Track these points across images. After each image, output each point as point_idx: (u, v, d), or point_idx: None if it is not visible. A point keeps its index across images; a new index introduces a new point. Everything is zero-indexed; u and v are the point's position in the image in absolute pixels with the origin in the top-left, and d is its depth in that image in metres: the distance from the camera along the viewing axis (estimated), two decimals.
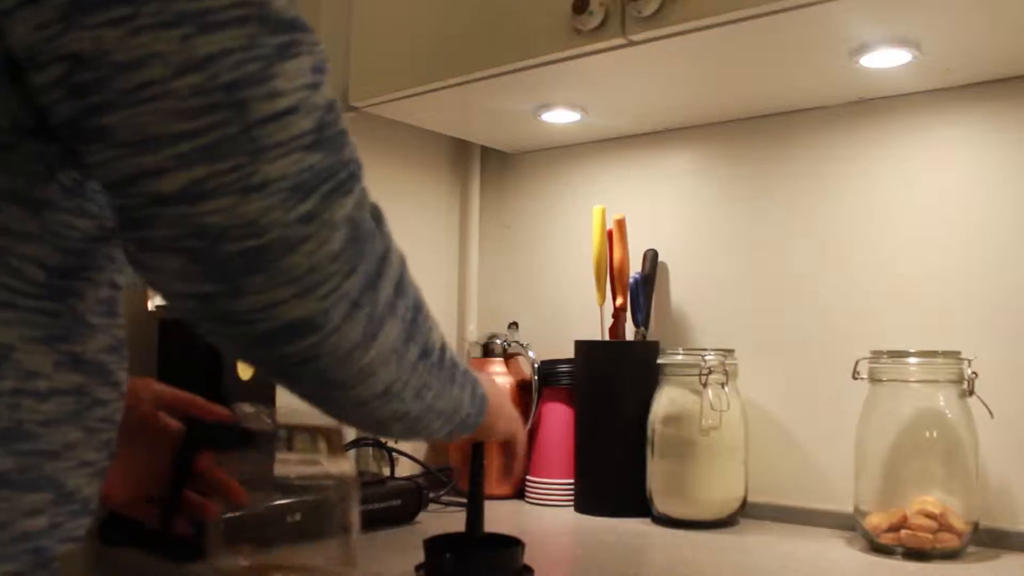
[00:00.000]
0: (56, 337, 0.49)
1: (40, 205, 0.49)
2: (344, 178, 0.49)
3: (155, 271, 0.48)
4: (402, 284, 0.54)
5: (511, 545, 0.87)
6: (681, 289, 1.33)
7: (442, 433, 0.66)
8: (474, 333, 1.53)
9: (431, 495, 1.22)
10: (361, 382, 0.54)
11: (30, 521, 0.48)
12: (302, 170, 0.47)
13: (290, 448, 0.81)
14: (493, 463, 1.33)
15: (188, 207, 0.45)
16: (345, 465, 0.86)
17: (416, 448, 1.42)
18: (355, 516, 0.86)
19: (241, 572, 0.80)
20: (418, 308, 0.57)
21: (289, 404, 0.64)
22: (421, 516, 1.15)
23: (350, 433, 1.12)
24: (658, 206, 1.36)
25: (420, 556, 0.98)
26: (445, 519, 1.17)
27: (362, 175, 0.52)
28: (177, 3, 0.44)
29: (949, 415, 1.00)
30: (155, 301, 1.14)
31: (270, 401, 1.05)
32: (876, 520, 1.00)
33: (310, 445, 0.83)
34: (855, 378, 1.04)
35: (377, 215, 0.53)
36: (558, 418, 1.31)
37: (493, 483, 1.33)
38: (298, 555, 0.83)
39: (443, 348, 0.61)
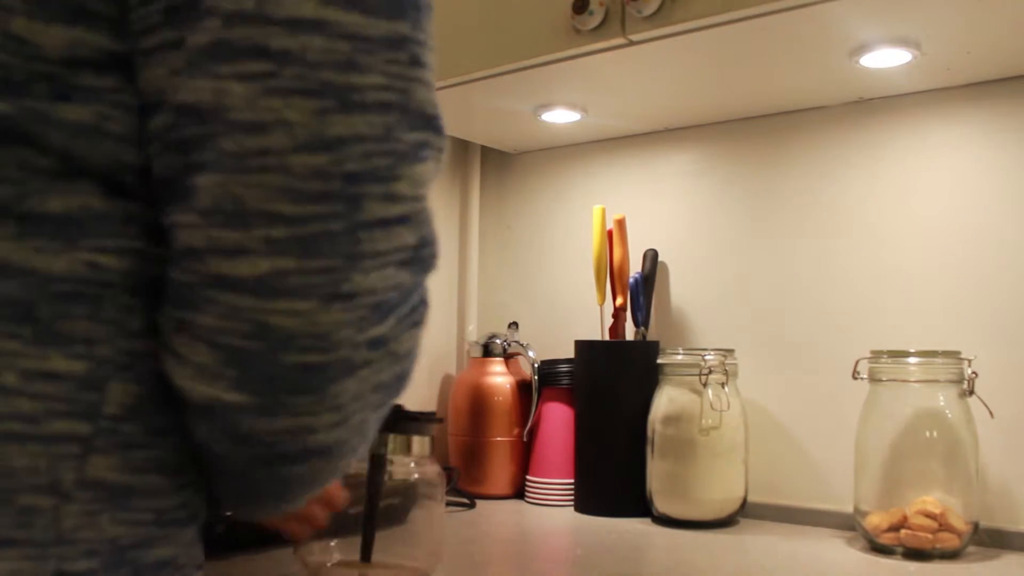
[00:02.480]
0: None
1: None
2: (417, 304, 0.45)
3: (180, 360, 0.42)
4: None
5: None
6: (681, 289, 1.33)
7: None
8: (474, 333, 1.53)
9: None
10: (304, 494, 0.50)
11: (196, 549, 0.46)
12: (388, 287, 0.41)
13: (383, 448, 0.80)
14: (493, 463, 1.33)
15: (258, 300, 0.39)
16: (432, 468, 0.85)
17: None
18: (440, 516, 0.85)
19: (329, 570, 0.79)
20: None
21: None
22: None
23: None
24: (658, 206, 1.36)
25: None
26: (445, 519, 1.17)
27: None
28: (323, 71, 0.38)
29: (949, 415, 1.00)
30: None
31: None
32: (876, 520, 1.00)
33: (402, 447, 0.81)
34: (855, 378, 1.04)
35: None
36: (558, 418, 1.31)
37: (493, 483, 1.33)
38: (383, 552, 0.82)
39: None
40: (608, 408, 1.22)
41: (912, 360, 1.01)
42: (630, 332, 1.30)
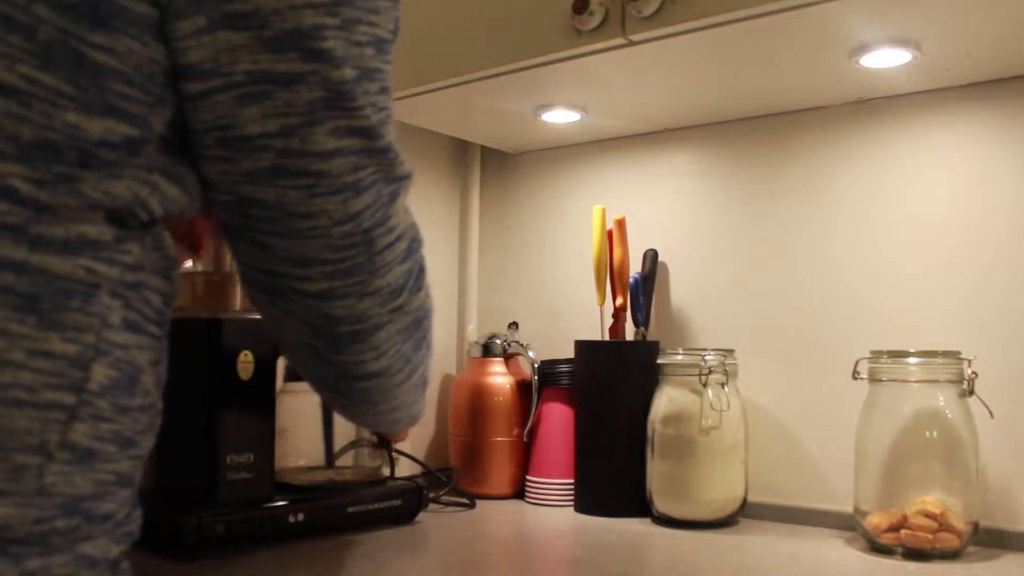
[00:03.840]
0: (158, 360, 0.57)
1: (158, 242, 0.57)
2: (417, 275, 0.68)
3: (275, 321, 0.67)
4: (428, 339, 0.75)
5: None
6: (681, 289, 1.33)
7: (400, 425, 0.86)
8: (474, 333, 1.53)
9: (431, 495, 1.22)
10: (386, 404, 0.75)
11: (136, 512, 0.56)
12: (398, 277, 0.65)
13: None
14: (493, 463, 1.33)
15: (321, 302, 0.63)
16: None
17: (416, 448, 1.42)
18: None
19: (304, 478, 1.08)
20: (429, 354, 0.77)
21: None
22: (421, 516, 1.15)
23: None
24: (658, 206, 1.36)
25: (422, 558, 0.99)
26: (445, 519, 1.17)
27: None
28: (342, 177, 0.58)
29: (949, 415, 1.00)
30: None
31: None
32: (876, 520, 1.00)
33: None
34: (855, 378, 1.04)
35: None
36: (558, 418, 1.31)
37: (493, 483, 1.33)
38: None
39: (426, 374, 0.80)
40: (608, 408, 1.22)
41: (912, 360, 1.01)
42: (630, 332, 1.30)
